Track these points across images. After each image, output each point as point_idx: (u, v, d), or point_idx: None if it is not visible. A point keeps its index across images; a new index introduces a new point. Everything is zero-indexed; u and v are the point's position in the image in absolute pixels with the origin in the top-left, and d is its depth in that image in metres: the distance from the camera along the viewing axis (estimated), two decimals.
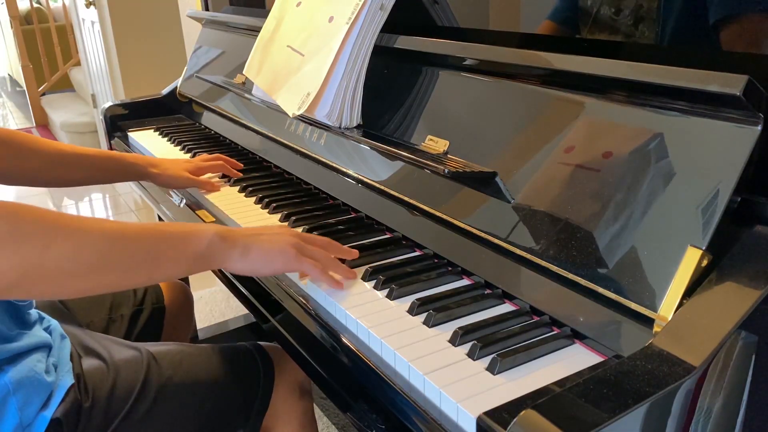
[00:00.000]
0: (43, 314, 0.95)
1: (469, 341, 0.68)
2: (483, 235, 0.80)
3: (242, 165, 1.27)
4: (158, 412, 0.91)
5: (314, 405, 1.10)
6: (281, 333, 0.89)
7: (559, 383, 0.60)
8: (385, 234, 0.97)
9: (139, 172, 1.19)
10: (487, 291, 0.79)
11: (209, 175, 1.24)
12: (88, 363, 0.92)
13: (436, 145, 0.92)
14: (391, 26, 1.03)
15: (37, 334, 0.89)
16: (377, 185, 0.98)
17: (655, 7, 0.74)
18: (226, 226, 0.80)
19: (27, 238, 0.62)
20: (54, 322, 0.96)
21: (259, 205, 1.11)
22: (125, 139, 1.63)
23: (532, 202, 0.76)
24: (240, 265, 0.77)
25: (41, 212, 0.65)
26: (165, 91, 1.77)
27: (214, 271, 1.09)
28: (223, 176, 1.26)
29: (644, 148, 0.69)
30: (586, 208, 0.71)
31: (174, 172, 1.19)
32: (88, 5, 3.54)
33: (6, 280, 0.62)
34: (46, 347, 0.89)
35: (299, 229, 0.99)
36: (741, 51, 0.68)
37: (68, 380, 0.86)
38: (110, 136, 1.69)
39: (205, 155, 1.27)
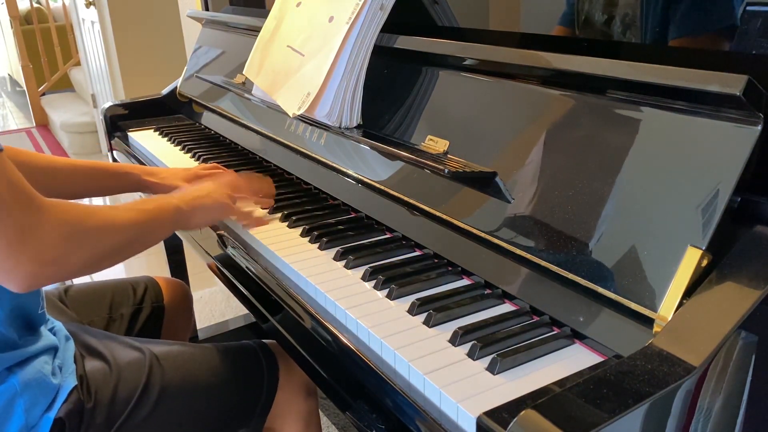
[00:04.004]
0: (48, 315, 0.95)
1: (469, 341, 0.68)
2: (483, 235, 0.80)
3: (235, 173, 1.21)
4: (160, 414, 0.91)
5: None
6: (281, 333, 0.89)
7: (559, 383, 0.60)
8: (385, 234, 0.97)
9: (135, 182, 1.16)
10: (487, 291, 0.79)
11: None
12: (91, 364, 0.92)
13: (436, 145, 0.92)
14: (391, 26, 1.03)
15: (45, 337, 0.89)
16: (377, 185, 0.98)
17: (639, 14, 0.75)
18: (172, 195, 0.99)
19: (85, 235, 0.78)
20: (58, 324, 0.96)
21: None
22: (125, 139, 1.63)
23: (532, 202, 0.76)
24: (194, 224, 0.98)
25: (86, 209, 0.79)
26: (165, 91, 1.77)
27: (214, 271, 1.09)
28: None
29: (644, 148, 0.69)
30: (586, 208, 0.71)
31: (171, 182, 1.15)
32: (88, 5, 3.54)
33: (77, 266, 0.77)
34: (53, 349, 0.89)
35: (299, 230, 0.99)
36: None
37: (71, 381, 0.87)
38: (110, 136, 1.69)
39: (203, 165, 1.24)
